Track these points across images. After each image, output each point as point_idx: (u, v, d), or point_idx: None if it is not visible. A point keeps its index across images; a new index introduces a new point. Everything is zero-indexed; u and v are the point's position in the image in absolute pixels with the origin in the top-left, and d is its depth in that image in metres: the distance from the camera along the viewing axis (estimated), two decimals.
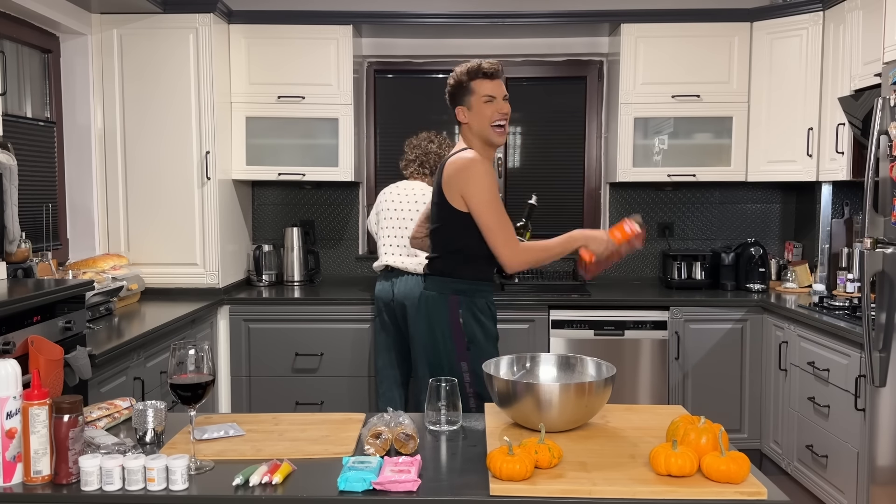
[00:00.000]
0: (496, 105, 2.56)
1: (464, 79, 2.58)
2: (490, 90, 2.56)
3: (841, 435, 3.24)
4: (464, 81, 2.58)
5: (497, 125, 2.56)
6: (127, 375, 2.94)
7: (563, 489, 1.53)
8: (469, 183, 2.48)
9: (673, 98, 4.21)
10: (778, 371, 3.81)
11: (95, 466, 1.56)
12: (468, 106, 2.58)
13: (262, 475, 1.58)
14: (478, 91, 2.56)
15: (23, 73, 3.58)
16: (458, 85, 2.60)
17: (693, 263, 4.38)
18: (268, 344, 4.02)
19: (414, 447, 1.75)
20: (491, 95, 2.56)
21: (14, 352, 2.24)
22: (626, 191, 4.67)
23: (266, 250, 4.48)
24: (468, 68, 2.59)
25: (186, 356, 1.65)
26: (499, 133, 2.57)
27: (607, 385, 1.85)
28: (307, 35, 4.16)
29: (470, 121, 2.58)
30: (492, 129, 2.56)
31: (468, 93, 2.57)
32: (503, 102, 2.58)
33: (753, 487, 1.53)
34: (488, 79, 2.57)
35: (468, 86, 2.57)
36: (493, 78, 2.58)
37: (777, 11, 4.13)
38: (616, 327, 4.03)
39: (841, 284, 3.99)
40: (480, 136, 2.58)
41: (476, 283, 2.60)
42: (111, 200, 3.99)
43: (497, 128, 2.56)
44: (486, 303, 2.63)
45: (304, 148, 4.29)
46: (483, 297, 2.62)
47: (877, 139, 2.90)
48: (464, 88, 2.58)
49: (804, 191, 4.49)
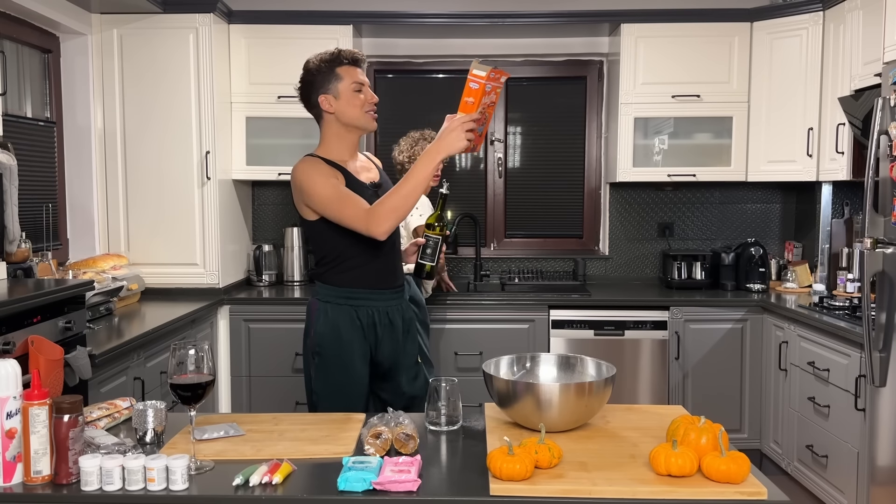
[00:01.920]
0: (366, 94, 2.43)
1: (324, 66, 2.41)
2: (358, 77, 2.42)
3: (841, 435, 3.24)
4: (324, 69, 2.40)
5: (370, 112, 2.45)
6: (127, 375, 2.94)
7: (563, 489, 1.53)
8: (304, 190, 2.36)
9: (673, 98, 4.21)
10: (778, 371, 3.81)
11: (95, 466, 1.56)
12: (335, 94, 2.41)
13: (262, 475, 1.58)
14: (346, 78, 2.41)
15: (23, 73, 3.58)
16: (318, 71, 2.41)
17: (693, 263, 4.38)
18: (268, 344, 4.02)
19: (414, 447, 1.75)
20: (360, 83, 2.42)
21: (14, 352, 2.24)
22: (626, 191, 4.67)
23: (266, 250, 4.48)
24: (329, 54, 2.42)
25: (186, 356, 1.65)
26: (373, 117, 2.45)
27: (607, 385, 1.85)
28: (307, 35, 4.16)
29: (338, 110, 2.41)
30: (366, 115, 2.44)
31: (333, 79, 2.40)
32: (372, 92, 2.46)
33: (753, 487, 1.53)
34: (355, 66, 2.43)
35: (333, 72, 2.40)
36: (359, 65, 2.44)
37: (777, 11, 4.13)
38: (616, 327, 4.03)
39: (841, 284, 3.99)
40: (353, 124, 2.44)
41: (347, 291, 2.45)
42: (111, 200, 3.99)
43: (371, 114, 2.45)
44: (357, 313, 2.44)
45: (305, 148, 4.23)
46: (355, 307, 2.44)
47: (877, 139, 2.90)
48: (326, 75, 2.40)
49: (804, 191, 4.49)
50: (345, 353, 2.44)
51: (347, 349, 2.44)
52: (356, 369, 2.46)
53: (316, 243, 2.49)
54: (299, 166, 2.41)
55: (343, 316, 2.44)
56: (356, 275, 2.45)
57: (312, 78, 2.43)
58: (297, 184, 2.39)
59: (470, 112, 2.19)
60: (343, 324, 2.44)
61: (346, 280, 2.45)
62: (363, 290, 2.46)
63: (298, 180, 2.39)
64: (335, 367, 2.44)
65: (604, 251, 4.73)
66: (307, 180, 2.36)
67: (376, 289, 2.48)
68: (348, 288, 2.45)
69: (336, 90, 2.41)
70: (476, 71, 2.16)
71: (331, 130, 2.47)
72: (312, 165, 2.40)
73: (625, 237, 4.70)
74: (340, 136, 2.46)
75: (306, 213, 2.43)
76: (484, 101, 2.20)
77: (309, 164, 2.41)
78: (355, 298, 2.46)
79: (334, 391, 2.44)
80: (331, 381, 2.45)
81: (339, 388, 2.45)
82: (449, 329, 4.03)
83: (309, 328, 2.50)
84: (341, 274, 2.45)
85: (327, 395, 2.44)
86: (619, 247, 4.71)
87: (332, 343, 2.44)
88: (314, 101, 2.44)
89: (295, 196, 2.44)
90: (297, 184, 2.39)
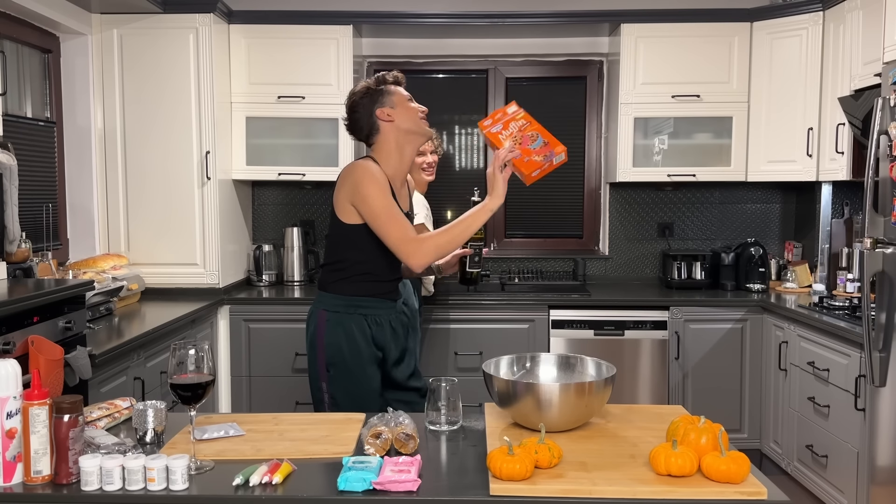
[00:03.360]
0: (417, 105, 2.52)
1: (371, 89, 2.49)
2: (405, 92, 2.52)
3: (841, 435, 3.24)
4: (372, 90, 2.49)
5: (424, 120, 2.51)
6: (127, 375, 2.94)
7: (563, 489, 1.53)
8: (360, 191, 2.38)
9: (673, 98, 4.21)
10: (778, 371, 3.81)
11: (95, 466, 1.56)
12: (391, 105, 2.48)
13: (262, 475, 1.58)
14: (396, 93, 2.50)
15: (23, 73, 3.58)
16: (366, 93, 2.49)
17: (693, 263, 4.38)
18: (268, 344, 4.02)
19: (414, 447, 1.75)
20: (408, 96, 2.52)
21: (14, 352, 2.24)
22: (626, 191, 4.68)
23: (266, 250, 4.48)
24: (374, 79, 2.52)
25: (186, 356, 1.65)
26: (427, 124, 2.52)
27: (607, 385, 1.85)
28: (307, 35, 4.16)
29: (397, 117, 2.47)
30: (424, 121, 2.50)
31: (386, 94, 2.49)
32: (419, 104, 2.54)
33: (753, 487, 1.53)
34: (398, 86, 2.53)
35: (383, 89, 2.49)
36: (401, 85, 2.54)
37: (777, 11, 4.13)
38: (616, 327, 4.03)
39: (841, 284, 4.00)
40: (413, 129, 2.49)
41: (356, 300, 2.47)
42: (111, 200, 3.99)
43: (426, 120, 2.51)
44: (366, 322, 2.47)
45: (304, 148, 4.30)
46: (364, 316, 2.47)
47: (877, 139, 2.90)
48: (379, 92, 2.49)
49: (804, 191, 4.49)
50: (359, 361, 2.46)
51: (361, 357, 2.45)
52: (371, 377, 2.48)
53: (340, 247, 2.47)
54: (363, 166, 2.42)
55: (354, 325, 2.45)
56: (368, 286, 2.47)
57: (362, 99, 2.49)
58: (355, 182, 2.39)
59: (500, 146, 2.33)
60: (355, 333, 2.45)
61: (355, 289, 2.46)
62: (370, 299, 2.49)
63: (358, 179, 2.38)
64: (351, 377, 2.44)
65: (604, 251, 4.73)
66: (368, 183, 2.37)
67: (382, 298, 2.51)
68: (355, 297, 2.47)
69: (392, 102, 2.47)
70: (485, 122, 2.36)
71: (389, 144, 2.49)
72: (376, 170, 2.42)
73: (625, 237, 4.70)
74: (400, 147, 2.49)
75: (347, 215, 2.42)
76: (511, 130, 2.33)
77: (373, 168, 2.42)
78: (364, 307, 2.47)
79: (353, 401, 2.44)
80: (349, 391, 2.46)
81: (356, 396, 2.45)
82: (449, 329, 4.03)
83: (317, 339, 2.49)
84: (353, 283, 2.46)
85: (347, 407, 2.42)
86: (619, 247, 4.71)
87: (346, 353, 2.45)
88: (373, 114, 2.47)
89: (342, 193, 2.42)
90: (355, 182, 2.39)
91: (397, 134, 2.48)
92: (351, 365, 2.45)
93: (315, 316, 2.51)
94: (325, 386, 2.48)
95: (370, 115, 2.48)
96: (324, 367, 2.47)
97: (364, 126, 2.50)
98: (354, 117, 2.51)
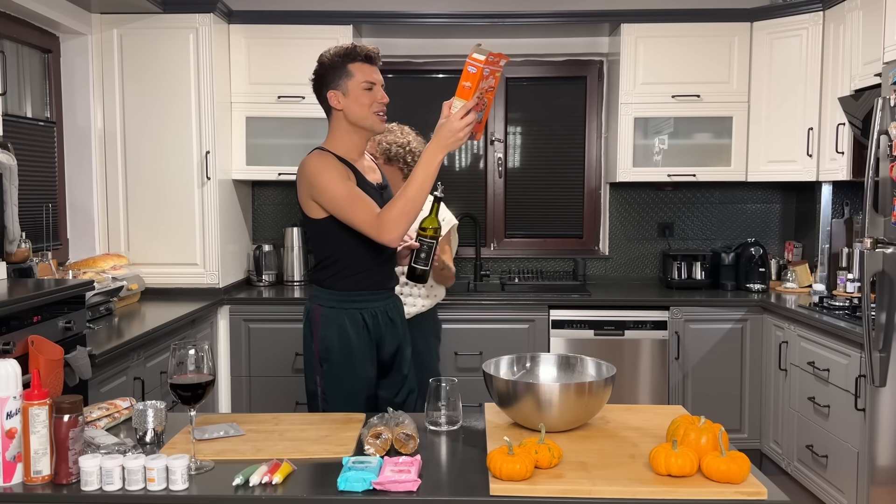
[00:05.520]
0: (376, 93, 2.35)
1: (336, 61, 2.34)
2: (370, 75, 2.35)
3: (841, 435, 3.24)
4: (336, 64, 2.34)
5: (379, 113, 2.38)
6: (127, 375, 2.94)
7: (563, 489, 1.53)
8: (314, 185, 2.29)
9: (673, 98, 4.21)
10: (778, 371, 3.81)
11: (95, 466, 1.56)
12: (344, 91, 2.34)
13: (262, 475, 1.58)
14: (357, 75, 2.33)
15: (23, 73, 3.58)
16: (331, 66, 2.34)
17: (693, 263, 4.38)
18: (268, 344, 4.02)
19: (414, 447, 1.75)
20: (370, 82, 2.34)
21: (14, 352, 2.24)
22: (626, 191, 4.68)
23: (266, 250, 4.48)
24: (344, 49, 2.35)
25: (186, 356, 1.65)
26: (381, 119, 2.39)
27: (607, 385, 1.85)
28: (307, 35, 4.16)
29: (346, 107, 2.34)
30: (374, 115, 2.35)
31: (344, 76, 2.33)
32: (383, 92, 2.37)
33: (753, 487, 1.53)
34: (368, 63, 2.36)
35: (345, 68, 2.33)
36: (373, 63, 2.37)
37: (777, 11, 4.13)
38: (616, 327, 4.03)
39: (841, 284, 3.99)
40: (359, 124, 2.36)
41: (350, 294, 2.41)
42: (111, 200, 3.99)
43: (379, 115, 2.38)
44: (362, 315, 2.42)
45: (304, 148, 4.21)
46: (359, 310, 2.42)
47: (877, 139, 2.90)
48: (338, 71, 2.33)
49: (804, 191, 4.49)
50: (353, 356, 2.43)
51: (356, 352, 2.43)
52: (365, 371, 2.46)
53: (318, 243, 2.44)
54: (311, 160, 2.34)
55: (348, 320, 2.42)
56: (359, 278, 2.43)
57: (324, 72, 2.38)
58: (308, 178, 2.32)
59: (466, 98, 2.10)
60: (349, 328, 2.42)
61: (349, 283, 2.43)
62: (365, 293, 2.45)
63: (309, 174, 2.31)
64: (344, 372, 2.43)
65: (604, 251, 4.73)
66: (319, 175, 2.29)
67: (377, 290, 2.48)
68: (350, 291, 2.43)
69: (345, 87, 2.34)
70: (475, 55, 2.08)
71: (339, 127, 2.40)
72: (325, 160, 2.33)
73: (625, 237, 4.70)
74: (349, 133, 2.40)
75: (312, 211, 2.36)
76: (482, 86, 2.12)
77: (321, 158, 2.34)
78: (359, 301, 2.44)
79: (345, 395, 2.43)
80: (341, 386, 2.45)
81: (348, 391, 2.44)
82: (449, 329, 4.02)
83: (311, 334, 2.48)
84: (343, 278, 2.42)
85: (338, 401, 2.42)
86: (619, 247, 4.71)
87: (339, 348, 2.43)
88: (324, 95, 2.39)
89: (301, 191, 2.36)
90: (308, 178, 2.32)
91: (346, 123, 2.38)
92: (344, 361, 2.43)
93: (310, 311, 2.50)
94: (318, 379, 2.47)
95: (322, 96, 2.38)
96: (318, 361, 2.46)
97: (321, 100, 2.42)
98: (315, 86, 2.40)
